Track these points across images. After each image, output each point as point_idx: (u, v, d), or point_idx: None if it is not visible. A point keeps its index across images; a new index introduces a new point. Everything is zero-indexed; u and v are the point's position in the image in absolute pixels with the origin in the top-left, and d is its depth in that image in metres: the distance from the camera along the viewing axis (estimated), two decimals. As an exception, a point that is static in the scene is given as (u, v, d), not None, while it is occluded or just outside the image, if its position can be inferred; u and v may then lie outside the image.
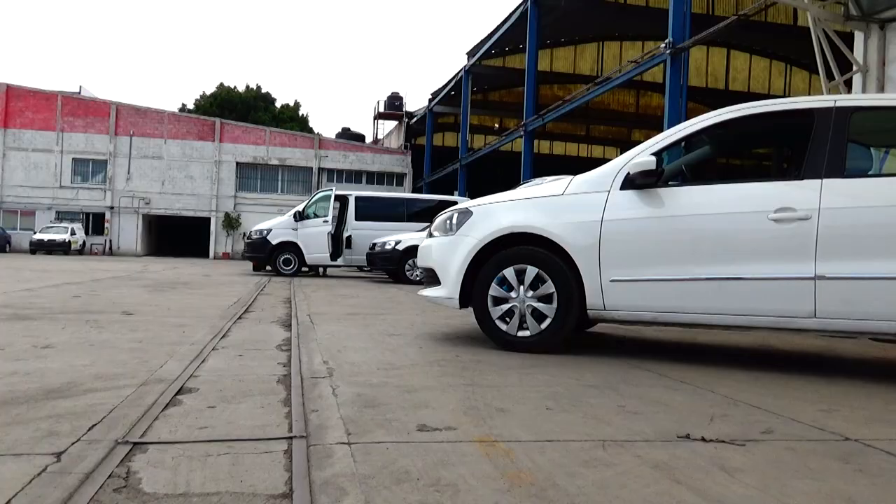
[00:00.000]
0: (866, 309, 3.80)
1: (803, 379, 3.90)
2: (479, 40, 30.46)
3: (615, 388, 3.37)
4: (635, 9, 27.17)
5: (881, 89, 8.82)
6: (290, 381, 3.29)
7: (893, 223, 3.80)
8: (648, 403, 3.04)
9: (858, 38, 9.17)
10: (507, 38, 27.93)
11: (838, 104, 4.10)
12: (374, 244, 14.85)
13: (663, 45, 14.66)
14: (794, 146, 4.65)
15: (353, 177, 41.05)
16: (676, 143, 4.43)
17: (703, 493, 1.92)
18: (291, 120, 54.82)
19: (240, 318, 6.11)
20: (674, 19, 14.32)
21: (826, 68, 9.19)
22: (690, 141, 4.59)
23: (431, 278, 4.89)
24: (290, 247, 15.92)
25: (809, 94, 24.51)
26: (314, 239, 15.75)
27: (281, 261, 15.91)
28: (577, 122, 38.77)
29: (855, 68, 9.14)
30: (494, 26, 27.79)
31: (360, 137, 48.53)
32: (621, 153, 4.78)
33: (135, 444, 2.22)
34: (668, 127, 9.24)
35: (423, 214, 16.89)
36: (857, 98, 4.28)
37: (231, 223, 39.16)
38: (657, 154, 4.30)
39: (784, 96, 31.48)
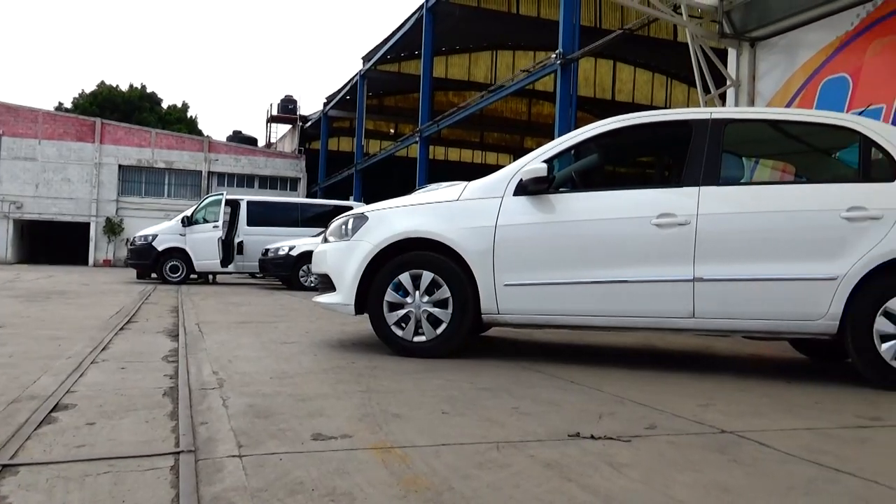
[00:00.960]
0: (739, 309, 4.06)
1: (683, 376, 4.12)
2: (374, 45, 30.36)
3: (509, 390, 3.43)
4: (527, 20, 27.88)
5: (752, 103, 9.45)
6: (177, 393, 3.15)
7: (763, 228, 4.08)
8: (541, 404, 3.12)
9: (732, 54, 9.79)
10: (402, 44, 28.00)
11: (714, 116, 4.37)
12: (267, 250, 14.48)
13: (554, 56, 15.13)
14: (674, 155, 4.90)
15: (245, 181, 39.89)
16: (566, 151, 4.57)
17: (592, 489, 1.98)
18: (179, 122, 52.69)
19: (122, 328, 5.80)
20: (564, 31, 14.81)
21: (703, 82, 9.75)
22: (580, 149, 4.75)
23: (326, 284, 4.82)
24: (178, 253, 15.30)
25: (688, 106, 25.92)
26: (203, 245, 15.21)
27: (167, 268, 15.25)
28: (471, 129, 39.34)
29: (728, 83, 9.75)
30: (390, 32, 27.81)
31: (253, 141, 47.25)
32: (514, 160, 4.88)
33: (4, 466, 2.06)
34: (559, 135, 9.56)
35: (318, 219, 16.63)
36: (730, 111, 4.57)
37: (113, 229, 37.13)
38: (548, 161, 4.42)
39: (665, 107, 33.18)
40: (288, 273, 14.04)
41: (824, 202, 4.04)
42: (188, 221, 15.46)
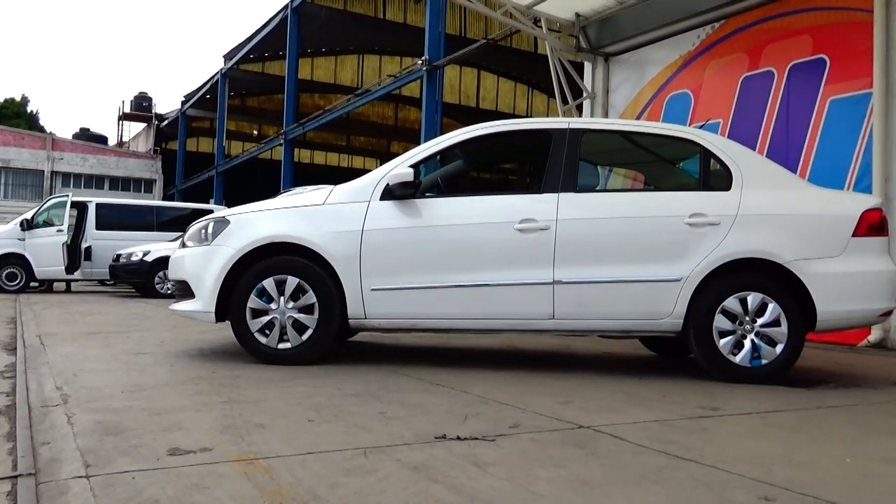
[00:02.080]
0: (595, 310, 4.28)
1: (544, 375, 4.28)
2: (237, 43, 29.39)
3: (376, 395, 3.42)
4: (394, 25, 28.00)
5: (606, 114, 10.01)
6: (15, 411, 2.90)
7: (617, 233, 4.33)
8: (408, 408, 3.13)
9: (588, 68, 10.33)
10: (266, 44, 27.28)
11: (571, 126, 4.58)
12: (119, 255, 13.60)
13: (420, 62, 15.30)
14: (535, 162, 5.09)
15: (94, 182, 37.33)
16: (433, 156, 4.63)
17: (458, 490, 2.01)
18: (17, 116, 48.56)
19: (-51, 342, 5.26)
20: (430, 38, 15.01)
21: (562, 93, 10.21)
22: (446, 154, 4.83)
23: (184, 291, 4.59)
24: (16, 259, 14.04)
25: (548, 116, 27.02)
26: (46, 250, 14.05)
27: (4, 275, 13.98)
28: (338, 133, 38.96)
29: (585, 94, 10.27)
30: (253, 30, 27.02)
31: (103, 139, 44.37)
32: (381, 164, 4.89)
33: None
34: (425, 140, 9.66)
35: (176, 223, 15.82)
36: (586, 121, 4.81)
37: (-62, 233, 33.62)
38: (415, 166, 4.46)
39: (527, 116, 34.37)
40: (142, 280, 13.26)
41: (670, 209, 4.34)
42: (28, 225, 14.25)
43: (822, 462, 2.46)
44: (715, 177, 4.50)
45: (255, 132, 38.15)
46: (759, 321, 4.17)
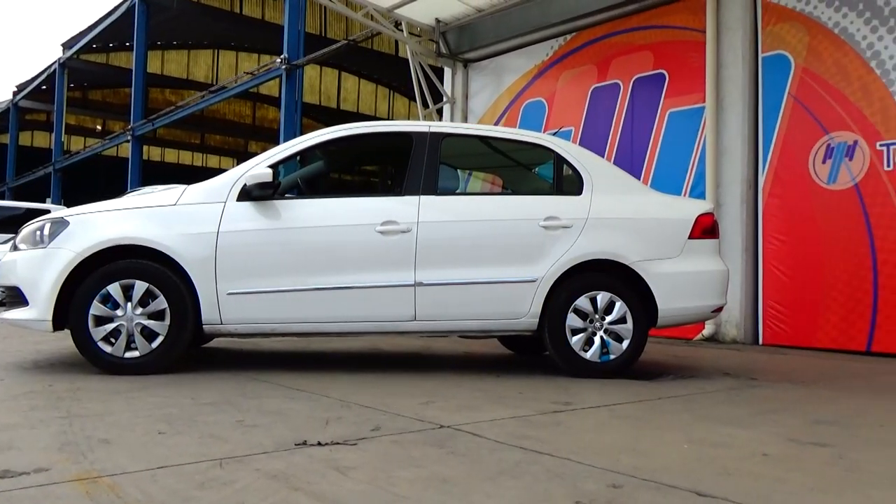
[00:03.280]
0: (456, 311, 4.36)
1: (406, 377, 4.31)
2: (77, 32, 27.34)
3: (233, 402, 3.30)
4: (251, 21, 27.16)
5: (466, 119, 10.24)
6: None
7: (476, 235, 4.44)
8: (267, 415, 3.04)
9: (448, 73, 10.52)
10: (111, 33, 25.58)
11: (432, 130, 4.64)
12: (-63, 260, 12.28)
13: (279, 61, 14.93)
14: (397, 165, 5.11)
15: None
16: (292, 157, 4.53)
17: (320, 496, 1.98)
18: None
19: None
20: (289, 37, 14.69)
21: (422, 97, 10.34)
22: (306, 155, 4.75)
23: (15, 298, 4.20)
24: None
25: (409, 119, 27.27)
26: None
27: None
28: (191, 130, 37.20)
29: (445, 99, 10.45)
30: (97, 18, 25.28)
31: (-82, 130, 39.81)
32: (238, 164, 4.73)
33: None
34: (285, 140, 9.45)
35: (6, 224, 14.48)
36: (447, 125, 4.90)
37: None
38: (274, 166, 4.35)
39: (388, 119, 34.52)
40: (-34, 286, 12.05)
41: (526, 212, 4.51)
42: None
43: (664, 449, 2.65)
44: (567, 182, 4.73)
45: (100, 127, 35.69)
46: (608, 319, 4.43)
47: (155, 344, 4.08)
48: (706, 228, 4.69)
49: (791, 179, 6.85)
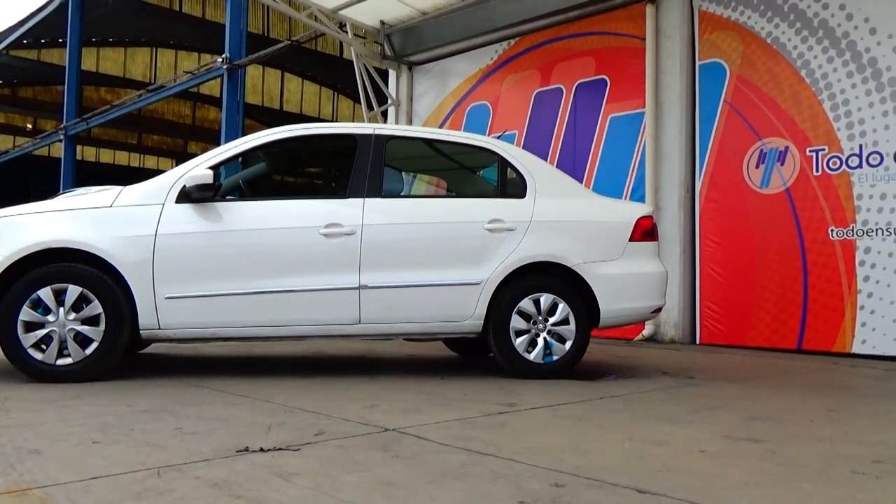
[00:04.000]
0: (400, 314, 4.35)
1: (351, 380, 4.27)
2: (7, 26, 26.29)
3: (172, 410, 3.22)
4: (191, 19, 26.57)
5: (410, 122, 10.23)
6: None
7: (421, 238, 4.44)
8: (207, 421, 2.98)
9: (392, 75, 10.50)
10: (43, 29, 24.67)
11: (376, 132, 4.62)
12: None
13: (220, 60, 14.64)
14: (341, 167, 5.07)
15: None
16: (234, 158, 4.45)
17: (263, 503, 1.94)
18: None
19: None
20: (230, 36, 14.42)
21: (367, 99, 10.28)
22: (248, 156, 4.67)
23: (-61, 304, 4.01)
24: None
25: (354, 121, 27.11)
26: None
27: None
28: (128, 130, 36.15)
29: (390, 101, 10.42)
30: (28, 13, 24.35)
31: None
32: (177, 165, 4.62)
33: None
34: (226, 141, 9.28)
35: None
36: (391, 128, 4.88)
37: None
38: (214, 168, 4.26)
39: (332, 121, 34.22)
40: None
41: (471, 215, 4.53)
42: None
43: (605, 448, 2.69)
44: (511, 185, 4.77)
45: (30, 126, 34.35)
46: (551, 320, 4.48)
47: (89, 350, 3.95)
48: (646, 231, 4.79)
49: (726, 183, 7.06)
